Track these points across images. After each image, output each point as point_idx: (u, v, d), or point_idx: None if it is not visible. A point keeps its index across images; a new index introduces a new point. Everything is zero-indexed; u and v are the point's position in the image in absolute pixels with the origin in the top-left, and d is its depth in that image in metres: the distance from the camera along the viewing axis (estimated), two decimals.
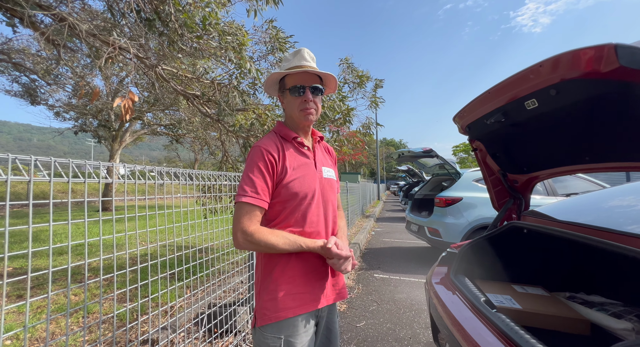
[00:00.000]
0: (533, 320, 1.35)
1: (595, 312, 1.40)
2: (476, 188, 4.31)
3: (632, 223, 1.33)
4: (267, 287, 0.92)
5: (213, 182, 1.90)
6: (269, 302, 0.90)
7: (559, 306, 1.45)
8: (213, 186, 2.01)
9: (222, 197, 2.16)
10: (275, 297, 0.90)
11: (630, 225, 1.31)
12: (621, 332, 1.26)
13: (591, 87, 0.85)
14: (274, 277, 0.92)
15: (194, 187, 1.78)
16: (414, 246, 5.72)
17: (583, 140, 1.13)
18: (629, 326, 1.27)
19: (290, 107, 1.01)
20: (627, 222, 1.33)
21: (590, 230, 1.34)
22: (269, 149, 0.93)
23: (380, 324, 2.52)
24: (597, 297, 1.54)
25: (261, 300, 0.92)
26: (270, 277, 0.93)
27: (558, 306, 1.45)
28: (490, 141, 1.62)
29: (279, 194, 0.93)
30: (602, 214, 1.54)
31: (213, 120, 3.09)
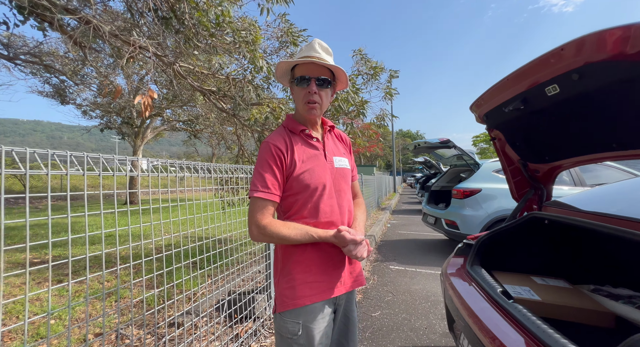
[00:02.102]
0: (553, 312, 1.33)
1: (621, 305, 1.36)
2: (496, 179, 4.17)
3: None
4: (285, 276, 0.96)
5: (230, 175, 1.97)
6: (287, 290, 0.94)
7: (581, 298, 1.41)
8: (230, 179, 2.08)
9: (239, 189, 2.23)
10: (293, 286, 0.93)
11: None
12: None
13: (617, 70, 0.80)
14: (291, 267, 0.95)
15: (212, 180, 1.85)
16: (430, 238, 5.65)
17: (609, 127, 1.07)
18: None
19: (296, 99, 1.02)
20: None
21: (618, 220, 1.29)
22: (277, 144, 0.95)
23: (396, 314, 2.54)
24: (625, 290, 1.49)
25: (280, 288, 0.96)
26: (288, 266, 0.96)
27: (580, 298, 1.41)
28: (509, 130, 1.57)
29: (290, 187, 0.95)
30: (631, 204, 1.46)
31: (229, 115, 3.16)
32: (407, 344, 2.09)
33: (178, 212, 1.55)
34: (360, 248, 0.93)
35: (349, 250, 0.91)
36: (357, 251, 0.91)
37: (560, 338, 0.92)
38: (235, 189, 2.32)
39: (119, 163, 1.30)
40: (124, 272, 3.37)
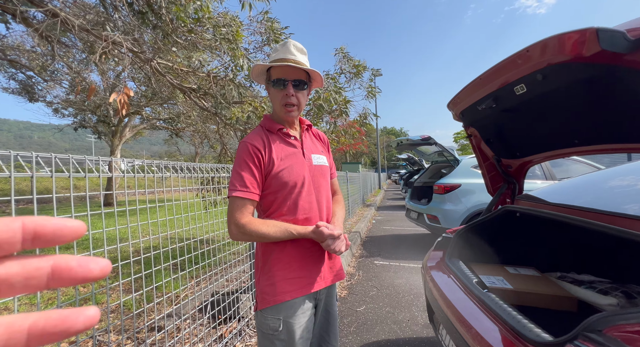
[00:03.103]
0: (523, 299, 1.41)
1: (583, 290, 1.45)
2: (474, 174, 4.33)
3: (622, 204, 1.36)
4: (265, 273, 0.97)
5: (213, 175, 1.94)
6: (267, 287, 0.95)
7: (549, 285, 1.51)
8: (213, 179, 2.05)
9: (222, 189, 2.20)
10: (273, 283, 0.95)
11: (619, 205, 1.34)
12: (606, 308, 1.31)
13: (576, 71, 0.86)
14: (271, 264, 0.97)
15: (194, 180, 1.82)
16: (413, 233, 5.80)
17: (571, 124, 1.14)
18: (613, 301, 1.32)
19: (273, 100, 1.04)
20: (616, 203, 1.36)
21: (581, 211, 1.38)
22: (254, 143, 0.97)
23: (380, 308, 2.60)
24: (587, 276, 1.59)
25: (261, 285, 0.98)
26: (268, 263, 0.98)
27: (548, 285, 1.50)
28: (483, 127, 1.64)
29: (269, 185, 0.97)
30: (593, 196, 1.57)
31: (211, 113, 3.10)
32: (390, 336, 2.15)
33: (157, 214, 1.51)
34: (338, 243, 0.95)
35: (327, 245, 0.93)
36: (335, 245, 0.93)
37: (528, 323, 0.98)
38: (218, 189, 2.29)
39: (92, 163, 1.25)
40: None
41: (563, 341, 0.80)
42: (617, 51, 0.73)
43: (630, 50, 0.72)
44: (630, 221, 1.16)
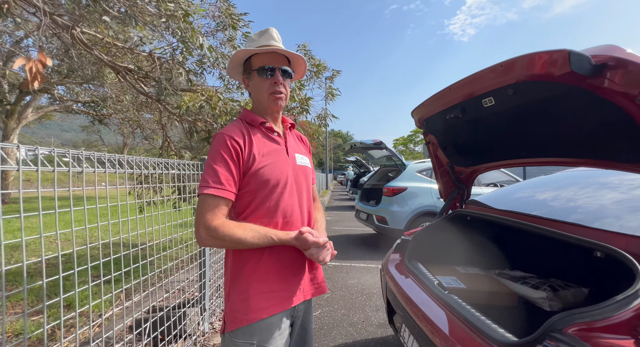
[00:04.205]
0: (475, 297, 1.52)
1: (520, 286, 1.64)
2: (419, 179, 4.70)
3: (549, 209, 1.59)
4: (237, 288, 0.83)
5: (151, 171, 1.64)
6: (239, 304, 0.81)
7: (493, 283, 1.66)
8: (151, 175, 1.74)
9: (163, 188, 1.90)
10: (246, 298, 0.82)
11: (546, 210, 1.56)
12: (539, 301, 1.49)
13: (543, 89, 0.94)
14: (244, 276, 0.84)
15: (126, 176, 1.50)
16: (362, 233, 6.03)
17: (524, 136, 1.27)
18: (544, 295, 1.51)
19: (258, 90, 0.92)
20: (545, 208, 1.57)
21: (516, 215, 1.56)
22: (233, 136, 0.84)
23: (335, 311, 2.58)
24: (519, 272, 1.81)
25: (231, 302, 0.83)
26: (240, 276, 0.84)
27: (492, 283, 1.66)
28: (442, 135, 1.73)
29: (247, 183, 0.84)
30: (525, 202, 1.80)
31: (152, 100, 2.66)
32: (347, 340, 2.14)
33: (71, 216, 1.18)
34: (323, 251, 0.86)
35: (311, 253, 0.84)
36: (319, 255, 0.85)
37: (492, 323, 1.03)
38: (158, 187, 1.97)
39: None
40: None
41: (530, 341, 0.86)
42: (582, 74, 0.81)
43: (593, 74, 0.80)
44: (552, 223, 1.34)
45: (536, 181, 2.06)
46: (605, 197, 1.50)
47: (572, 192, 1.71)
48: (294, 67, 0.98)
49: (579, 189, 1.72)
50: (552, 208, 1.58)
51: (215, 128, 2.51)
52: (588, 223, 1.25)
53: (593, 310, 0.82)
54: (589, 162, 1.10)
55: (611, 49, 0.80)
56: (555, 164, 1.34)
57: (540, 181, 2.01)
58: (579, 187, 1.73)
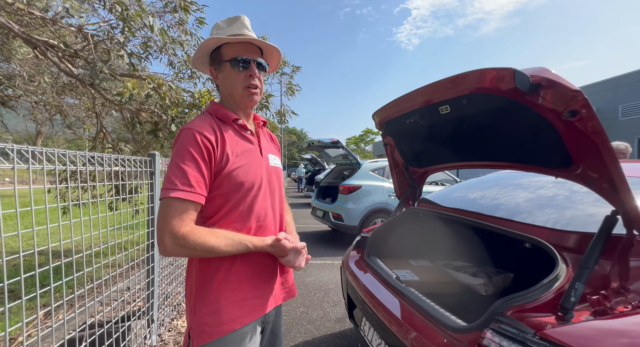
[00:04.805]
0: (427, 288, 1.65)
1: (460, 274, 1.84)
2: (373, 177, 4.94)
3: (485, 205, 1.81)
4: (205, 299, 0.76)
5: (81, 168, 1.41)
6: (209, 316, 0.75)
7: (440, 274, 1.84)
8: (80, 172, 1.50)
9: (96, 186, 1.65)
10: (217, 309, 0.75)
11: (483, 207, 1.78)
12: (477, 287, 1.70)
13: (491, 101, 1.05)
14: (215, 286, 0.77)
15: (45, 172, 1.27)
16: (317, 230, 6.12)
17: (472, 142, 1.42)
18: (481, 281, 1.72)
19: (230, 84, 0.85)
20: (481, 205, 1.79)
21: (460, 211, 1.75)
22: (204, 133, 0.76)
23: (294, 309, 2.58)
24: (460, 262, 2.03)
25: (198, 315, 0.76)
26: (209, 286, 0.77)
27: (440, 274, 1.83)
28: (400, 138, 1.84)
29: (219, 185, 0.77)
30: (469, 200, 2.02)
31: (83, 83, 2.26)
32: (307, 337, 2.15)
33: None
34: (300, 257, 0.85)
35: (287, 260, 0.81)
36: (296, 261, 0.83)
37: (445, 312, 1.14)
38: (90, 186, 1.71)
39: None
40: None
41: (478, 326, 0.96)
42: (523, 90, 0.93)
43: (530, 91, 0.93)
44: (487, 218, 1.54)
45: (472, 182, 2.32)
46: (519, 196, 1.77)
47: (495, 191, 1.98)
48: (267, 60, 0.92)
49: (499, 189, 2.00)
50: (481, 205, 1.80)
51: (165, 120, 2.27)
52: (510, 217, 1.46)
53: (525, 294, 0.96)
54: (522, 166, 1.28)
55: (543, 70, 0.93)
56: (494, 167, 1.53)
57: (476, 182, 2.28)
58: (500, 188, 2.01)
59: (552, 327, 0.84)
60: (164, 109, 2.24)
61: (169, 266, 2.25)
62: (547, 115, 0.95)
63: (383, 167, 5.02)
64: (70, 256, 1.25)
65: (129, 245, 1.66)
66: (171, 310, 2.21)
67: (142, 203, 1.86)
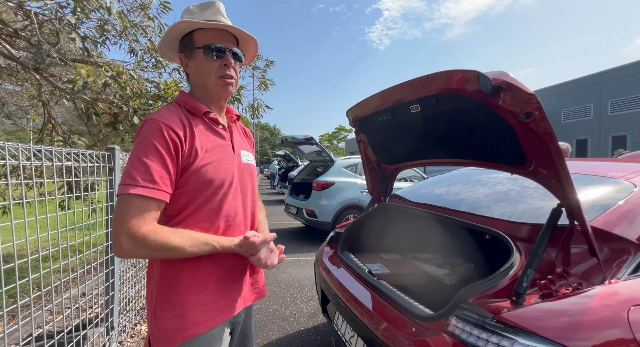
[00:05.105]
0: (397, 280, 1.72)
1: (427, 265, 1.95)
2: (346, 174, 5.02)
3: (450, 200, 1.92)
4: (169, 303, 0.72)
5: (24, 162, 1.27)
6: (172, 321, 0.71)
7: (409, 266, 1.92)
8: (24, 167, 1.35)
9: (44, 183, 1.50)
10: (181, 313, 0.71)
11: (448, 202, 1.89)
12: (442, 277, 1.80)
13: (458, 101, 1.11)
14: (178, 289, 0.73)
15: None
16: (291, 227, 6.10)
17: (440, 140, 1.49)
18: (446, 272, 1.83)
19: (203, 73, 0.80)
20: (446, 200, 1.90)
21: (427, 206, 1.84)
22: (171, 125, 0.71)
23: (267, 307, 2.55)
24: (427, 254, 2.14)
25: (160, 321, 0.71)
26: (172, 289, 0.73)
27: (409, 266, 1.92)
28: (373, 135, 1.88)
29: (186, 182, 0.73)
30: (435, 195, 2.13)
31: (26, 68, 1.99)
32: (280, 334, 2.14)
33: None
34: (272, 255, 0.83)
35: (258, 259, 0.78)
36: (267, 259, 0.81)
37: (414, 302, 1.19)
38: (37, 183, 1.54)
39: None
40: None
41: (444, 313, 1.02)
42: (486, 92, 0.99)
43: (492, 93, 1.00)
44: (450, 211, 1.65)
45: (438, 179, 2.45)
46: (479, 191, 1.91)
47: (458, 187, 2.12)
48: (243, 51, 0.88)
49: (462, 185, 2.14)
50: (446, 200, 1.92)
51: (126, 112, 2.09)
52: (471, 211, 1.57)
53: (485, 282, 1.04)
54: (484, 164, 1.37)
55: (503, 74, 1.00)
56: (459, 165, 1.63)
57: (441, 178, 2.41)
58: (462, 184, 2.15)
59: (507, 311, 0.91)
60: (125, 100, 2.06)
61: (131, 268, 2.10)
62: (506, 116, 1.03)
63: (356, 164, 5.11)
64: (12, 261, 1.11)
65: (85, 247, 1.52)
66: (134, 315, 2.08)
67: (100, 201, 1.71)
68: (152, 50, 2.50)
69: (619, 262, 1.02)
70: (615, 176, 1.40)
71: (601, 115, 11.57)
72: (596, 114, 11.75)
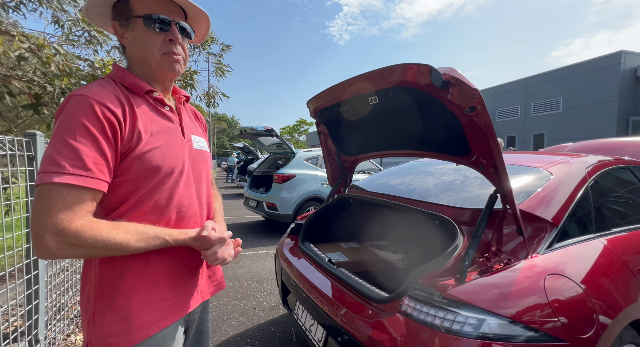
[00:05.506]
0: (356, 267, 1.79)
1: (383, 252, 2.05)
2: (307, 166, 5.02)
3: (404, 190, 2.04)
4: (110, 306, 0.64)
5: None
6: (116, 326, 0.63)
7: (367, 253, 2.01)
8: None
9: None
10: (127, 316, 0.64)
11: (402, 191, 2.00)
12: (396, 262, 1.92)
13: (412, 94, 1.17)
14: (123, 289, 0.65)
15: None
16: (250, 221, 5.94)
17: (398, 133, 1.56)
18: (399, 257, 1.95)
19: (142, 47, 0.70)
20: (400, 189, 2.01)
21: (383, 195, 1.93)
22: (105, 102, 0.61)
23: (225, 304, 2.46)
24: (383, 241, 2.26)
25: (101, 327, 0.63)
26: (116, 290, 0.65)
27: (366, 253, 2.00)
28: (333, 127, 1.90)
29: (127, 170, 0.64)
30: (391, 185, 2.24)
31: None
32: (239, 330, 2.09)
33: None
34: (227, 249, 0.78)
35: (212, 253, 0.73)
36: (223, 253, 0.76)
37: (370, 286, 1.25)
38: None
39: None
40: None
41: (398, 295, 1.09)
42: (437, 86, 1.05)
43: (442, 87, 1.06)
44: (404, 200, 1.76)
45: (393, 170, 2.59)
46: (429, 181, 2.06)
47: (411, 178, 2.26)
48: (192, 26, 0.79)
49: (414, 176, 2.29)
50: (400, 190, 2.04)
51: (51, 93, 1.78)
52: (423, 199, 1.69)
53: (434, 263, 1.13)
54: (435, 155, 1.47)
55: (452, 70, 1.07)
56: (413, 156, 1.72)
57: (396, 170, 2.55)
58: (414, 175, 2.30)
59: (452, 287, 1.01)
60: (50, 79, 1.74)
61: (62, 272, 1.84)
62: (454, 109, 1.11)
63: (317, 157, 5.14)
64: None
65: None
66: (67, 324, 1.83)
67: (18, 197, 1.45)
68: (84, 22, 2.16)
69: (539, 239, 1.19)
70: (537, 166, 1.62)
71: (526, 115, 13.32)
72: (522, 114, 13.48)
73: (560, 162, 1.61)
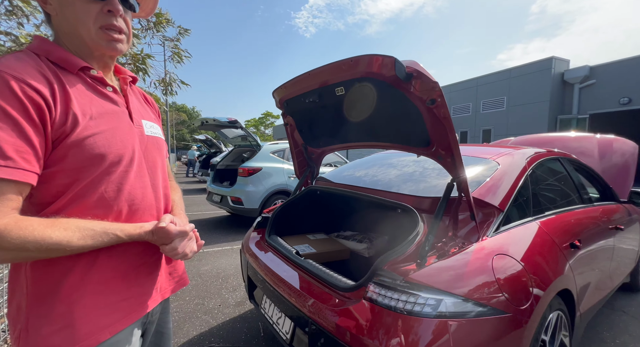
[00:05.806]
0: (323, 257, 1.80)
1: (349, 242, 2.10)
2: (273, 159, 4.92)
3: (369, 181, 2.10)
4: (48, 315, 0.56)
5: None
6: (56, 336, 0.55)
7: (333, 244, 2.04)
8: None
9: None
10: (70, 323, 0.56)
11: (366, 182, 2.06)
12: (362, 251, 1.98)
13: (378, 86, 1.18)
14: (63, 294, 0.57)
15: None
16: (214, 216, 5.69)
17: (362, 124, 1.58)
18: (365, 246, 2.01)
19: (73, 18, 0.60)
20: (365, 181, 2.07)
21: (351, 187, 1.97)
22: (26, 79, 0.51)
23: (188, 303, 2.34)
24: (349, 232, 2.31)
25: (36, 338, 0.55)
26: (54, 296, 0.56)
27: (333, 244, 2.03)
28: (300, 118, 1.87)
29: (62, 158, 0.55)
30: (356, 177, 2.29)
31: None
32: (203, 329, 2.00)
33: None
34: (189, 243, 0.72)
35: (173, 248, 0.67)
36: (184, 247, 0.70)
37: (337, 276, 1.27)
38: None
39: None
40: None
41: (363, 282, 1.12)
42: (401, 78, 1.08)
43: (405, 80, 1.09)
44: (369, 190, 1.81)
45: (358, 162, 2.65)
46: (391, 172, 2.15)
47: (375, 169, 2.34)
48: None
49: (378, 167, 2.37)
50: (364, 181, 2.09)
51: None
52: (386, 189, 1.76)
53: (397, 249, 1.18)
54: (399, 146, 1.52)
55: (415, 63, 1.11)
56: (378, 147, 1.76)
57: (360, 162, 2.61)
58: (378, 166, 2.38)
59: (413, 272, 1.06)
60: None
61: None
62: (416, 101, 1.15)
63: (283, 149, 5.06)
64: None
65: None
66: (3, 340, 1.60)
67: None
68: None
69: (488, 223, 1.30)
70: (487, 157, 1.76)
71: (477, 112, 14.48)
72: (473, 111, 14.63)
73: (505, 154, 1.77)
